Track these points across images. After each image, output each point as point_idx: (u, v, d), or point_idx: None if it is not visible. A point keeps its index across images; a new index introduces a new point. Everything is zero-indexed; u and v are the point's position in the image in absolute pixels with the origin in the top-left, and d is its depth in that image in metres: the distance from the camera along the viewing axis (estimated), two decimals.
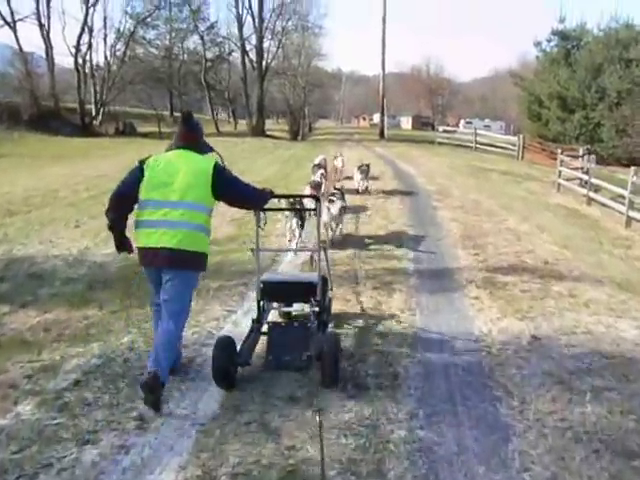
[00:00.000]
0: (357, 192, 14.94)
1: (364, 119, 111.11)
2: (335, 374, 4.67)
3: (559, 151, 22.42)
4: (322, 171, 13.80)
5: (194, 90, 60.84)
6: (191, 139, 4.75)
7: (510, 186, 19.89)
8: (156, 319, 4.86)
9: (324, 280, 5.51)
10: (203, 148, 4.83)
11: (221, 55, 56.87)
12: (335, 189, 11.03)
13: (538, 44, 37.80)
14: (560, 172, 20.84)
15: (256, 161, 24.15)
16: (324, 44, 54.73)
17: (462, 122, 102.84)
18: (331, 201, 9.79)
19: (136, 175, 4.59)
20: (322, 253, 5.54)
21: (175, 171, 4.51)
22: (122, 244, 4.72)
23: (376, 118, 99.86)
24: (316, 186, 11.48)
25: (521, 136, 34.81)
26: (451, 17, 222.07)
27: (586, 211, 16.31)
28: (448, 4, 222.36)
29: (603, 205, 16.51)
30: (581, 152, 24.00)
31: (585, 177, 18.63)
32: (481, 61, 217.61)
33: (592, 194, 17.60)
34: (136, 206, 4.61)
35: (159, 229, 4.45)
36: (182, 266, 4.53)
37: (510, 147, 34.68)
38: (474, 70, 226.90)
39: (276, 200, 6.60)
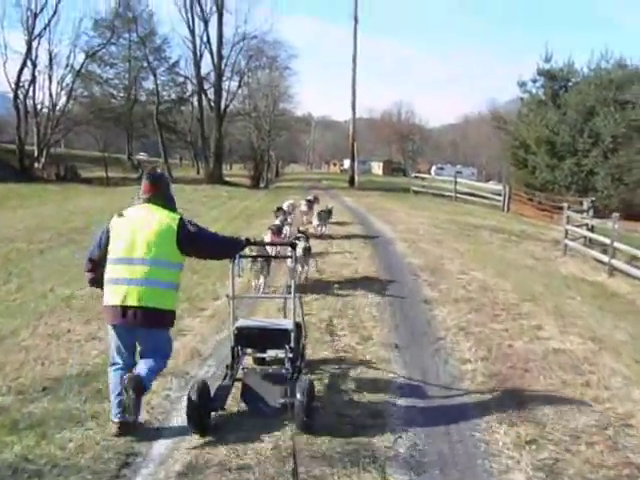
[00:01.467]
0: (316, 237, 14.01)
1: (334, 164, 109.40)
2: (310, 421, 4.55)
3: (565, 205, 18.57)
4: (284, 216, 12.99)
5: (154, 132, 56.19)
6: (156, 193, 4.64)
7: (510, 251, 15.72)
8: (115, 379, 4.56)
9: (298, 326, 5.33)
10: (168, 202, 4.70)
11: (182, 97, 52.30)
12: (299, 232, 10.65)
13: (522, 85, 33.94)
14: (567, 231, 17.25)
15: (200, 216, 19.40)
16: (294, 87, 50.77)
17: (434, 168, 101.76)
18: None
19: (104, 236, 4.60)
20: (296, 300, 5.26)
21: (139, 227, 4.46)
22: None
23: (347, 164, 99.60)
24: (277, 230, 11.06)
25: (506, 185, 30.76)
26: (420, 65, 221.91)
27: (612, 286, 12.72)
28: (416, 52, 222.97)
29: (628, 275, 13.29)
30: (585, 206, 20.02)
31: (600, 238, 15.64)
32: (450, 107, 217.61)
33: (616, 262, 14.01)
34: (106, 264, 4.55)
35: (125, 287, 4.37)
36: (149, 324, 4.45)
37: (494, 197, 30.74)
38: (443, 116, 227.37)
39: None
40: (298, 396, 4.50)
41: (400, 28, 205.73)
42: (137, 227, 4.47)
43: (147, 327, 4.46)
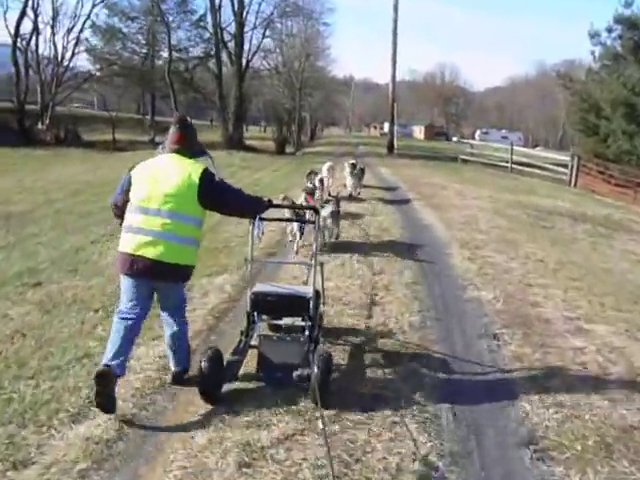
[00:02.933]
0: (350, 197, 14.03)
1: (374, 128, 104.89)
2: (326, 394, 4.13)
3: None
4: (319, 177, 12.33)
5: (181, 92, 51.24)
6: (182, 142, 4.38)
7: (607, 255, 10.83)
8: (117, 328, 4.27)
9: (317, 294, 5.05)
10: (196, 151, 4.49)
11: (209, 53, 46.93)
12: (330, 196, 10.48)
13: (595, 35, 27.75)
14: None
15: None
16: (334, 47, 45.07)
17: (478, 132, 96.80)
18: (323, 207, 8.77)
19: (126, 182, 4.32)
20: (317, 267, 4.97)
21: (159, 178, 4.21)
22: None
23: (387, 127, 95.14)
24: (312, 192, 10.41)
25: (575, 156, 25.38)
26: (464, 26, 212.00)
27: None
28: (459, 15, 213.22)
29: None
30: None
31: None
32: (496, 70, 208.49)
33: None
34: (126, 211, 4.30)
35: (140, 236, 4.16)
36: (162, 278, 4.26)
37: (556, 169, 25.58)
38: (488, 79, 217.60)
39: None
40: (315, 368, 4.18)
41: None
42: (158, 177, 4.19)
43: (161, 281, 4.27)
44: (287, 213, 7.97)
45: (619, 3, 26.57)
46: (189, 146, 4.39)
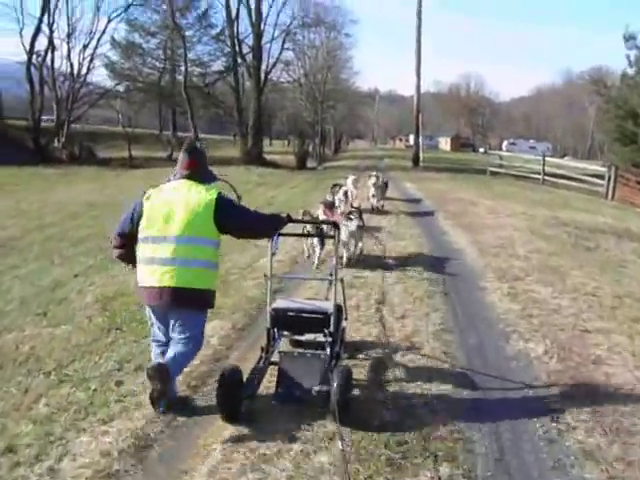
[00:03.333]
0: (372, 210, 13.81)
1: (400, 140, 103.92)
2: (345, 410, 4.02)
3: None
4: (344, 190, 12.57)
5: (203, 107, 50.37)
6: (193, 168, 4.31)
7: None
8: (155, 353, 4.40)
9: (339, 309, 4.91)
10: (206, 178, 4.36)
11: (229, 67, 45.93)
12: (353, 208, 10.11)
13: (630, 38, 26.09)
14: None
15: None
16: (357, 59, 44.07)
17: (505, 143, 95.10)
18: (349, 219, 8.76)
19: (136, 210, 4.25)
20: (338, 282, 4.81)
21: (175, 204, 4.14)
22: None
23: (412, 139, 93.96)
24: (330, 206, 10.30)
25: (612, 167, 23.74)
26: (488, 37, 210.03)
27: None
28: (483, 24, 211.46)
29: None
30: None
31: None
32: (521, 80, 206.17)
33: None
34: (138, 242, 4.23)
35: (160, 267, 4.08)
36: (186, 305, 4.16)
37: (591, 180, 24.09)
38: (514, 89, 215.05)
39: None
40: (334, 385, 4.07)
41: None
42: (173, 204, 4.13)
43: (184, 307, 4.14)
44: (308, 228, 7.92)
45: None
46: (200, 172, 4.32)
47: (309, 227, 7.90)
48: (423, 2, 33.24)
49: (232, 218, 4.20)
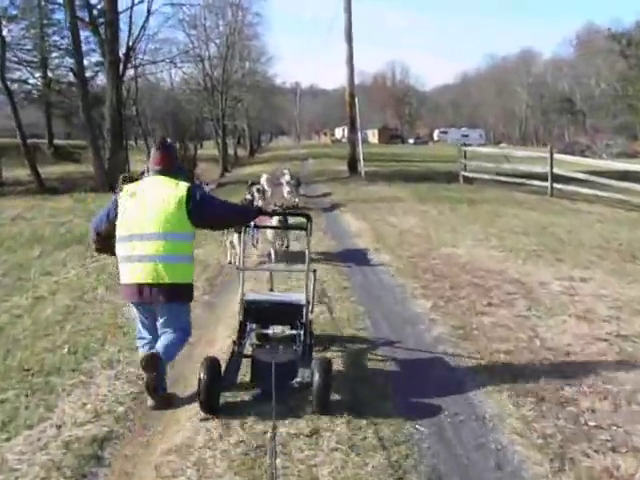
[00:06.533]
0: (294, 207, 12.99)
1: (325, 134, 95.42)
2: (326, 400, 3.92)
3: None
4: (257, 187, 11.69)
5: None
6: (164, 163, 4.22)
7: None
8: (143, 351, 4.27)
9: (308, 302, 4.76)
10: (177, 171, 4.32)
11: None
12: (276, 206, 9.57)
13: None
14: None
15: None
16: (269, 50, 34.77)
17: (436, 132, 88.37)
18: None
19: (113, 210, 4.15)
20: (310, 273, 4.66)
21: (149, 201, 4.04)
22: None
23: (338, 132, 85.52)
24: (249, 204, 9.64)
25: None
26: (409, 25, 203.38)
27: None
28: (403, 13, 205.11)
29: None
30: None
31: None
32: (441, 70, 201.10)
33: None
34: (116, 241, 4.13)
35: (139, 264, 3.99)
36: (168, 300, 4.06)
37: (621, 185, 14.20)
38: (436, 79, 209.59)
39: None
40: (316, 376, 3.92)
41: None
42: (148, 201, 4.03)
43: (166, 303, 4.05)
44: (275, 221, 7.82)
45: None
46: (171, 166, 4.24)
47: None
48: None
49: (204, 210, 4.08)
